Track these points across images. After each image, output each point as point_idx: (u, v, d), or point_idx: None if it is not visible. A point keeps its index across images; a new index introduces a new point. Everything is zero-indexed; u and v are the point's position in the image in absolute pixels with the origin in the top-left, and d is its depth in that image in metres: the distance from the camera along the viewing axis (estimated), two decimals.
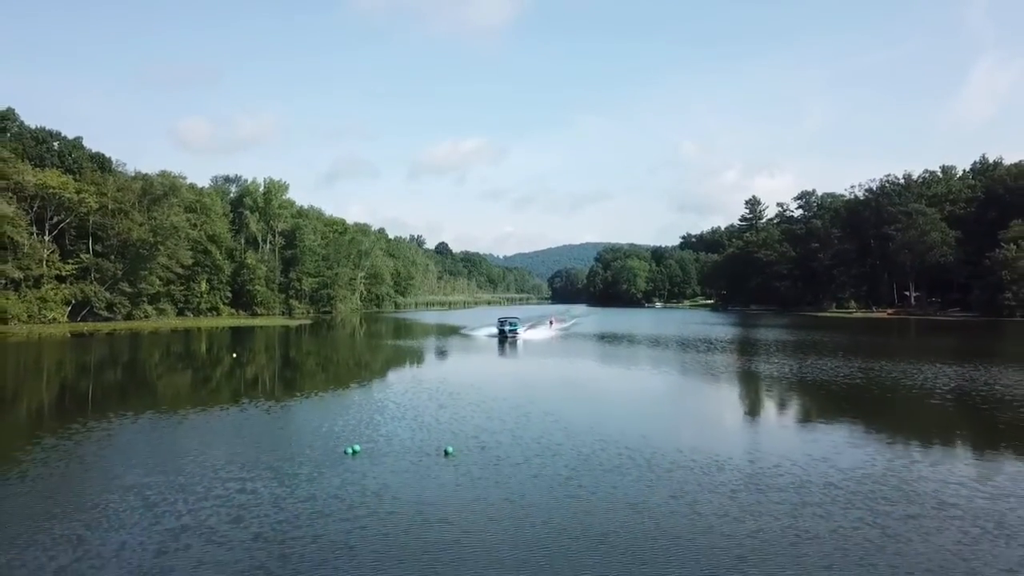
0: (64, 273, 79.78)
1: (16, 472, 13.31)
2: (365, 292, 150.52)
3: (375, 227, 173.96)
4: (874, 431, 17.79)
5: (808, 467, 13.42)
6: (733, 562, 8.63)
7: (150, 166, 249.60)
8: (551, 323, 70.93)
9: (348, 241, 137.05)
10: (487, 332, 55.87)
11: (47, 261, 77.67)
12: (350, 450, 14.46)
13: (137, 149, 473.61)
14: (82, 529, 9.92)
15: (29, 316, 73.70)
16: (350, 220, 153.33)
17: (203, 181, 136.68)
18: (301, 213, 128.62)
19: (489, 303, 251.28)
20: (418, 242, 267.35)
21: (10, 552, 8.99)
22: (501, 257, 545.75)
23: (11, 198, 72.09)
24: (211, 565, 8.55)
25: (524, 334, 52.93)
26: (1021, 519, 10.31)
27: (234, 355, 40.47)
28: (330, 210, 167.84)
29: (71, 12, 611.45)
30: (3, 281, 71.67)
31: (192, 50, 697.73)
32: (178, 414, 20.17)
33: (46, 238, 78.84)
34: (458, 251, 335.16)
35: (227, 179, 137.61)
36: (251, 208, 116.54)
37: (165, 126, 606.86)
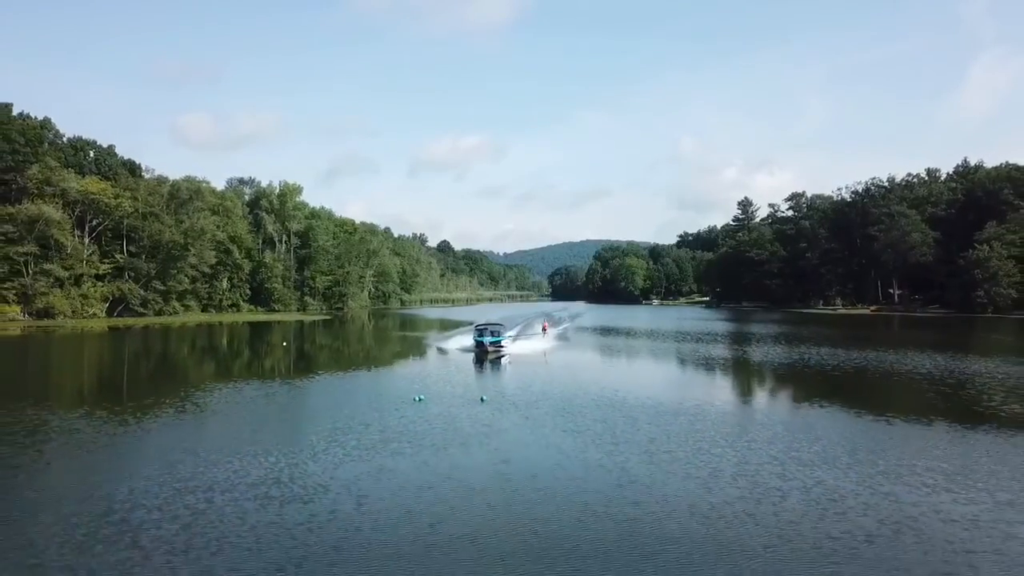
0: (101, 272, 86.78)
1: (202, 410, 20.25)
2: (373, 289, 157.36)
3: (374, 224, 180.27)
4: (788, 391, 24.70)
5: (711, 406, 20.54)
6: (646, 442, 15.64)
7: (152, 162, 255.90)
8: (544, 328, 56.83)
9: (358, 241, 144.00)
10: (460, 345, 42.88)
11: (87, 261, 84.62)
12: (417, 398, 21.35)
13: (138, 145, 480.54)
14: (279, 425, 16.86)
15: (73, 311, 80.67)
16: (349, 216, 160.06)
17: (204, 177, 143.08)
18: (314, 214, 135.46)
19: (491, 300, 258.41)
20: (421, 240, 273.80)
21: (231, 441, 15.83)
22: (501, 254, 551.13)
23: (58, 204, 78.99)
24: (366, 441, 15.48)
25: (510, 346, 40.84)
26: (806, 426, 17.22)
27: (284, 343, 47.45)
28: (330, 207, 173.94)
29: (74, 9, 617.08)
30: (51, 279, 78.57)
31: (194, 47, 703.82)
32: (277, 381, 27.16)
33: (86, 240, 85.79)
34: (459, 249, 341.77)
35: (241, 181, 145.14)
36: (267, 210, 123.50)
37: (166, 122, 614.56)
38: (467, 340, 41.87)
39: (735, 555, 8.94)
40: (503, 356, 36.07)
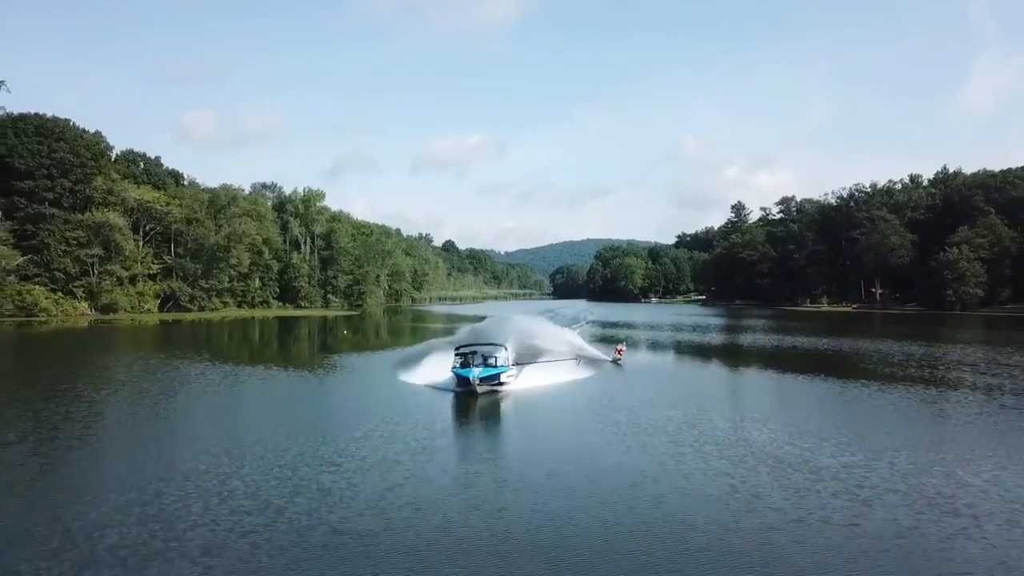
0: (153, 272, 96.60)
1: (350, 369, 30.08)
2: (387, 288, 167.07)
3: (386, 225, 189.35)
4: (740, 361, 34.50)
5: (656, 367, 30.27)
6: (624, 377, 25.38)
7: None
8: (619, 353, 33.18)
9: (374, 242, 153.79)
10: (430, 379, 26.44)
11: (142, 262, 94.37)
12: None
13: (143, 143, 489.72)
14: (404, 371, 26.74)
15: (132, 307, 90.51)
16: (349, 213, 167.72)
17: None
18: (334, 218, 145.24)
19: (496, 298, 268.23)
20: (427, 240, 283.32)
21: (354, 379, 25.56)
22: (503, 253, 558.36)
23: (119, 211, 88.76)
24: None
25: (516, 380, 25.72)
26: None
27: (345, 331, 57.35)
28: (335, 205, 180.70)
29: (81, 7, 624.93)
30: (114, 279, 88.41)
31: (200, 46, 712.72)
32: (367, 352, 36.96)
33: (141, 243, 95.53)
34: (463, 248, 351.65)
35: (264, 185, 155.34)
36: (292, 214, 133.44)
37: (171, 120, 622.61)
38: (435, 368, 27.51)
39: (641, 434, 18.76)
40: (503, 398, 23.34)
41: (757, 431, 17.37)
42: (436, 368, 27.37)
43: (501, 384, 24.30)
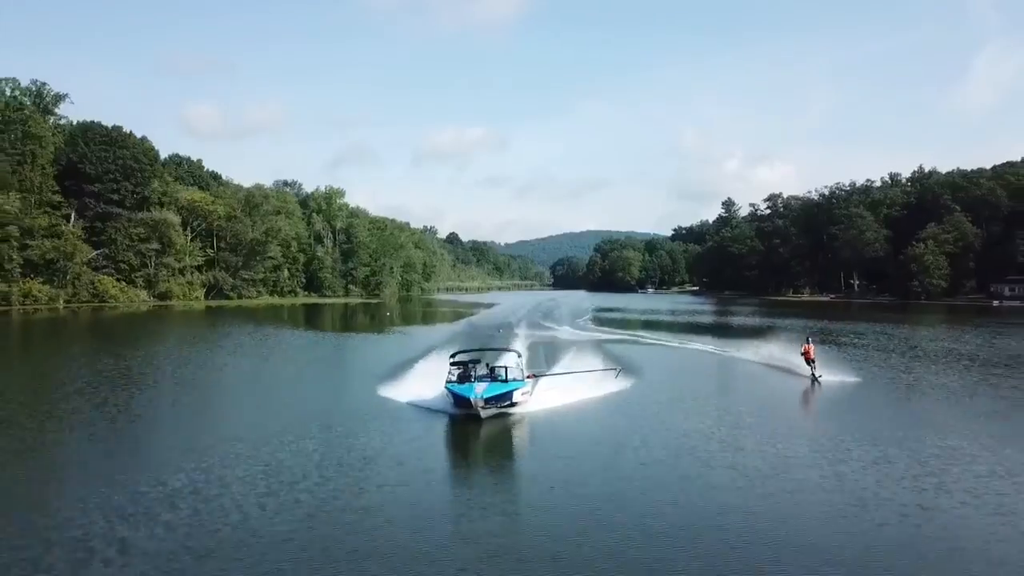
0: (199, 264, 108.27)
1: (417, 337, 41.92)
2: (400, 278, 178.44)
3: (395, 218, 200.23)
4: (720, 335, 46.38)
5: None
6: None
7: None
8: (811, 359, 25.48)
9: (389, 236, 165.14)
10: (416, 396, 20.86)
11: (190, 255, 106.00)
12: (498, 331, 42.95)
13: (146, 136, 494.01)
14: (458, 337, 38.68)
15: (183, 295, 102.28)
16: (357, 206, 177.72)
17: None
18: (353, 213, 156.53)
19: (500, 288, 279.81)
20: (432, 232, 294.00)
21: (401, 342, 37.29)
22: (503, 244, 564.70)
23: (172, 210, 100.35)
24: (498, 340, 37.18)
25: (530, 395, 20.46)
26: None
27: (388, 313, 69.17)
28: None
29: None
30: (169, 270, 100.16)
31: (202, 40, 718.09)
32: (411, 328, 48.71)
33: (189, 237, 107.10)
34: (465, 240, 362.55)
35: (285, 183, 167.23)
36: (315, 210, 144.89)
37: (174, 113, 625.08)
38: (426, 376, 22.55)
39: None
40: (516, 419, 18.88)
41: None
42: (427, 376, 21.98)
43: (513, 404, 19.00)
